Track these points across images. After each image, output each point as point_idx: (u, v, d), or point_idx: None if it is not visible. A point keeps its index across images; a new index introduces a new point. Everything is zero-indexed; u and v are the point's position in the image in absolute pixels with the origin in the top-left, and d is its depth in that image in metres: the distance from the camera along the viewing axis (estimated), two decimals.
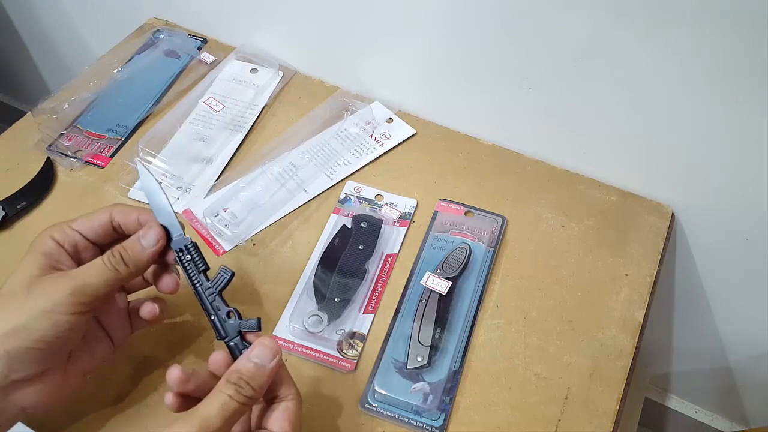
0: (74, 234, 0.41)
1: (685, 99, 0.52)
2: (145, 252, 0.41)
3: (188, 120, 0.67)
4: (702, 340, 0.78)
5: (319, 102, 0.68)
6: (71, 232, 0.41)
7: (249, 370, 0.37)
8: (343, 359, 0.50)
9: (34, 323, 0.36)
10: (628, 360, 0.51)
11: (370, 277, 0.54)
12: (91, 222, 0.42)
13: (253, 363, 0.37)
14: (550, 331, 0.52)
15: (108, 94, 0.69)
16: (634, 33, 0.50)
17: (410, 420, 0.47)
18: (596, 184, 0.62)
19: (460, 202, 0.60)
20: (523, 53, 0.56)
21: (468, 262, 0.55)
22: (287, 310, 0.52)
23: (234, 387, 0.36)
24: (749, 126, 0.51)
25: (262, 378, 0.37)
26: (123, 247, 0.40)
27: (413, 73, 0.65)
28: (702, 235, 0.63)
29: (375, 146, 0.65)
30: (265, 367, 0.37)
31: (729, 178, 0.57)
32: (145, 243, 0.41)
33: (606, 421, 0.47)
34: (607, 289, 0.55)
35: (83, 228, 0.42)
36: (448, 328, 0.51)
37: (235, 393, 0.35)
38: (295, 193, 0.61)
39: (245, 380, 0.36)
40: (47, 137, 0.64)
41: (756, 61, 0.47)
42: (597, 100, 0.57)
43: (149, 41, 0.75)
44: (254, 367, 0.37)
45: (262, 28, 0.72)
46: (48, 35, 1.01)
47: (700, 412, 0.91)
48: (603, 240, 0.58)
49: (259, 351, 0.37)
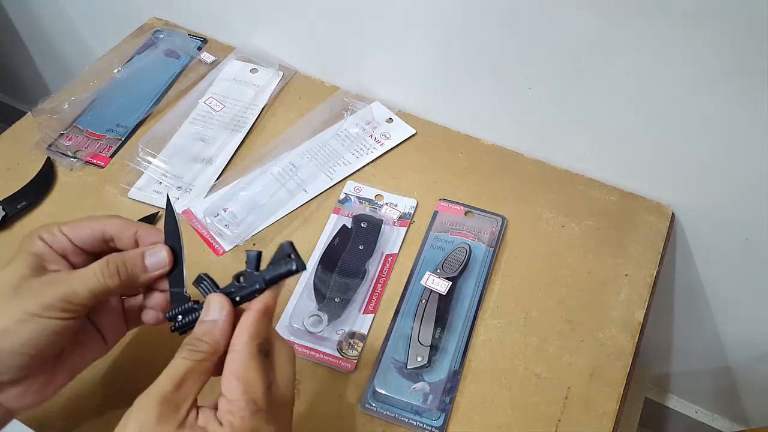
0: (63, 238, 0.39)
1: (685, 99, 0.52)
2: (146, 274, 0.39)
3: (188, 120, 0.67)
4: (702, 340, 0.78)
5: (319, 102, 0.68)
6: (60, 235, 0.39)
7: (200, 328, 0.36)
8: (343, 359, 0.50)
9: (20, 326, 0.35)
10: (628, 360, 0.51)
11: (370, 277, 0.54)
12: (81, 230, 0.40)
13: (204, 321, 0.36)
14: (550, 331, 0.52)
15: (108, 94, 0.69)
16: (635, 33, 0.50)
17: (410, 420, 0.47)
18: (596, 184, 0.62)
19: (460, 202, 0.60)
20: (523, 53, 0.56)
21: (468, 262, 0.55)
22: (287, 310, 0.52)
23: (187, 348, 0.35)
24: (749, 126, 0.51)
25: (215, 332, 0.36)
26: (123, 261, 0.38)
27: (413, 73, 0.65)
28: (702, 235, 0.63)
29: (375, 146, 0.65)
30: (216, 322, 0.36)
31: (729, 179, 0.57)
32: (149, 264, 0.39)
33: (606, 421, 0.47)
34: (607, 289, 0.55)
35: (73, 234, 0.40)
36: (448, 328, 0.51)
37: (188, 353, 0.34)
38: (295, 193, 0.61)
39: (197, 338, 0.35)
40: (47, 137, 0.64)
41: (756, 61, 0.47)
42: (597, 101, 0.57)
43: (149, 41, 0.75)
44: (205, 325, 0.36)
45: (262, 28, 0.72)
46: (48, 35, 1.01)
47: (700, 412, 0.91)
48: (603, 240, 0.58)
49: (207, 309, 0.37)
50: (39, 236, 0.39)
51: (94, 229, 0.40)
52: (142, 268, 0.39)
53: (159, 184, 0.61)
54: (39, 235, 0.39)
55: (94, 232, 0.40)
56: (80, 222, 0.40)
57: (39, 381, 0.38)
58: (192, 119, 0.67)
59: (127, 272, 0.38)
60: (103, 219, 0.41)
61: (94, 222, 0.40)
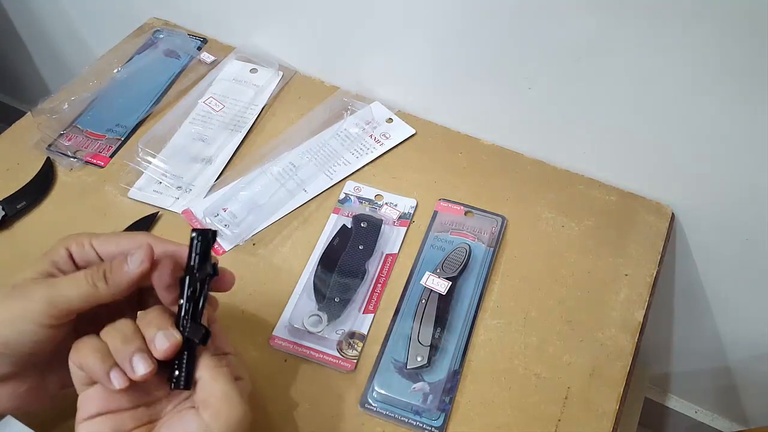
0: (92, 252, 0.39)
1: (685, 99, 0.52)
2: (127, 274, 0.37)
3: (188, 120, 0.67)
4: (702, 340, 0.78)
5: (319, 102, 0.68)
6: (89, 249, 0.39)
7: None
8: (343, 359, 0.50)
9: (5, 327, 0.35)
10: (628, 360, 0.51)
11: (370, 277, 0.54)
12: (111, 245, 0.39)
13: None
14: (550, 331, 0.52)
15: (108, 94, 0.69)
16: (635, 33, 0.50)
17: (410, 420, 0.47)
18: (596, 184, 0.62)
19: (460, 202, 0.60)
20: (523, 53, 0.56)
21: (468, 262, 0.55)
22: (287, 310, 0.52)
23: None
24: (749, 126, 0.51)
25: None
26: (109, 264, 0.37)
27: (413, 73, 0.65)
28: (702, 235, 0.63)
29: (375, 146, 0.65)
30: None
31: (729, 179, 0.57)
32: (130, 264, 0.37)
33: (606, 421, 0.47)
34: (607, 289, 0.55)
35: (101, 249, 0.39)
36: (448, 328, 0.51)
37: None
38: (295, 193, 0.61)
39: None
40: (47, 137, 0.64)
41: (756, 61, 0.47)
42: (597, 100, 0.57)
43: (149, 41, 0.75)
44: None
45: (262, 28, 0.72)
46: (48, 35, 1.01)
47: (700, 412, 0.91)
48: (603, 240, 0.58)
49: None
50: (67, 247, 0.38)
51: (123, 247, 0.38)
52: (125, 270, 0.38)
53: (159, 184, 0.61)
54: (67, 246, 0.38)
55: (123, 250, 0.38)
56: (112, 237, 0.39)
57: (28, 384, 0.38)
58: (192, 119, 0.67)
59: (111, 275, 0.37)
60: (139, 237, 0.39)
61: (129, 239, 0.39)
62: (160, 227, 0.58)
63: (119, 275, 0.37)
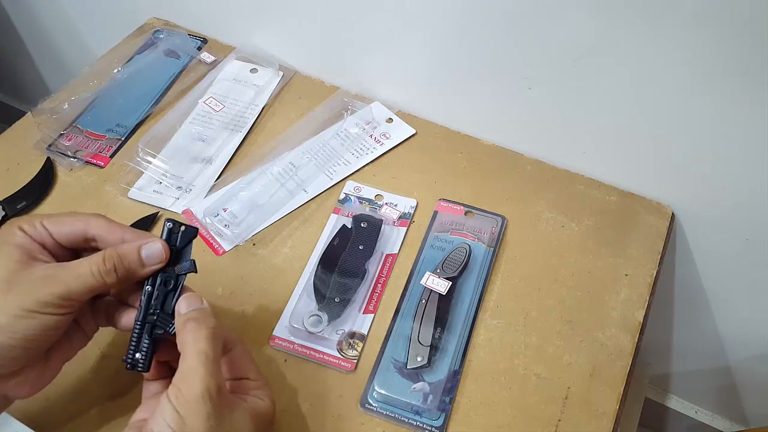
0: (44, 232, 0.38)
1: (685, 99, 0.52)
2: (143, 268, 0.38)
3: (188, 120, 0.67)
4: (702, 340, 0.78)
5: (319, 102, 0.68)
6: (41, 229, 0.38)
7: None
8: (343, 359, 0.50)
9: (18, 322, 0.35)
10: (628, 360, 0.51)
11: (370, 277, 0.54)
12: (62, 226, 0.39)
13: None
14: (550, 331, 0.52)
15: (108, 94, 0.69)
16: (634, 33, 0.50)
17: (410, 420, 0.47)
18: (596, 184, 0.62)
19: (460, 202, 0.60)
20: (523, 53, 0.56)
21: (468, 262, 0.55)
22: (287, 310, 0.52)
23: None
24: (749, 126, 0.51)
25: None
26: (119, 257, 0.38)
27: (413, 72, 0.65)
28: (702, 235, 0.63)
29: (375, 146, 0.65)
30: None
31: (729, 179, 0.57)
32: (146, 256, 0.39)
33: (606, 421, 0.47)
34: (607, 289, 0.55)
35: (54, 229, 0.39)
36: (448, 328, 0.51)
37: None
38: (295, 193, 0.61)
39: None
40: (47, 137, 0.64)
41: (756, 61, 0.47)
42: (597, 100, 0.57)
43: (149, 41, 0.75)
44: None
45: (262, 28, 0.72)
46: (48, 35, 1.01)
47: (700, 412, 0.91)
48: (603, 240, 0.58)
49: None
50: (20, 227, 0.38)
51: (76, 228, 0.39)
52: (139, 263, 0.39)
53: (159, 184, 0.61)
54: (19, 225, 0.38)
55: (75, 231, 0.39)
56: (62, 217, 0.39)
57: (35, 371, 0.39)
58: (192, 119, 0.67)
59: (124, 268, 0.38)
60: (86, 218, 0.39)
61: (77, 220, 0.39)
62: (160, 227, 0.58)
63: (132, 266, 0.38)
